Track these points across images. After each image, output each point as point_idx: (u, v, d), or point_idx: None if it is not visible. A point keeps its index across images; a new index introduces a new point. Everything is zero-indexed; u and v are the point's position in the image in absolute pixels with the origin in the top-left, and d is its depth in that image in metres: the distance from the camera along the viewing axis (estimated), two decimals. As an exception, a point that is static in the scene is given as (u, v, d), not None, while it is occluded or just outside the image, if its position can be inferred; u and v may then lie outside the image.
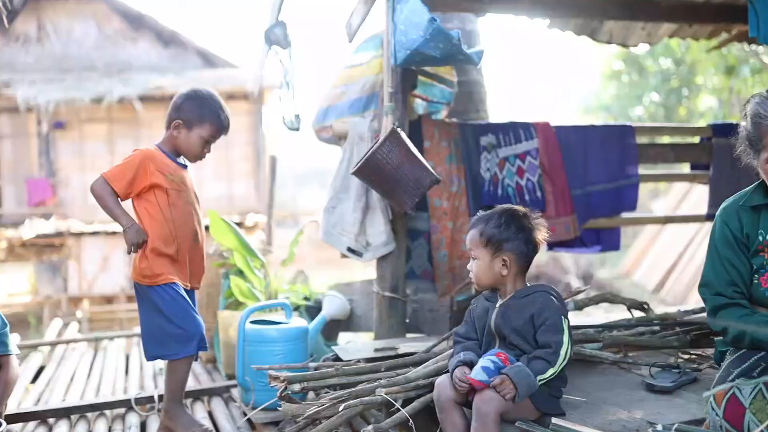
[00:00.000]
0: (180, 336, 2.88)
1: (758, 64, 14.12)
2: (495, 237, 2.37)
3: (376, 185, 3.28)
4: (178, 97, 3.00)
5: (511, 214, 2.40)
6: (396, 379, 2.65)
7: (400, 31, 3.15)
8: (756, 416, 1.99)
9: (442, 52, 3.13)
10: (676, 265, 11.54)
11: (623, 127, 4.40)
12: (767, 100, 2.16)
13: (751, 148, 2.22)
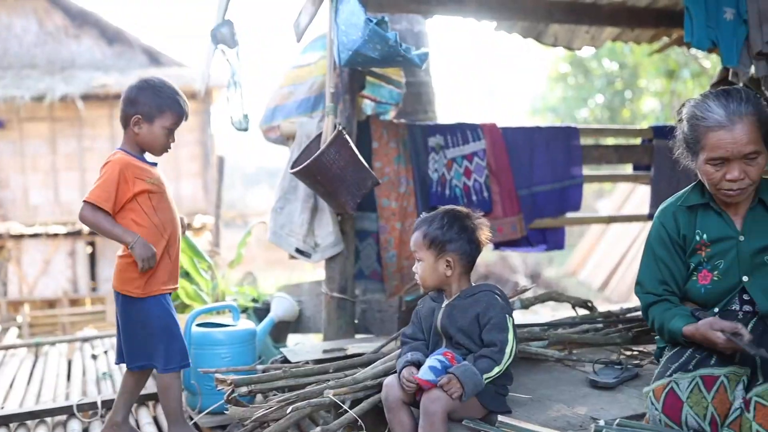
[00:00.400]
0: (170, 348, 2.82)
1: (697, 68, 14.56)
2: (438, 238, 2.39)
3: (319, 186, 3.26)
4: (130, 90, 2.81)
5: (453, 215, 2.43)
6: (344, 380, 2.65)
7: (342, 31, 3.15)
8: (693, 409, 2.06)
9: (380, 54, 3.14)
10: (620, 263, 11.83)
11: (568, 128, 4.49)
12: (702, 103, 2.21)
13: (689, 151, 2.27)
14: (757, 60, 4.11)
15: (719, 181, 2.18)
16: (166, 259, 2.83)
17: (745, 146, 2.11)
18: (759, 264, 2.23)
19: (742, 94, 2.18)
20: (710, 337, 2.07)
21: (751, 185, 2.18)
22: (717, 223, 2.30)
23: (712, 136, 2.15)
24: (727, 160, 2.15)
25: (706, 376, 2.09)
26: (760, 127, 2.13)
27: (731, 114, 2.13)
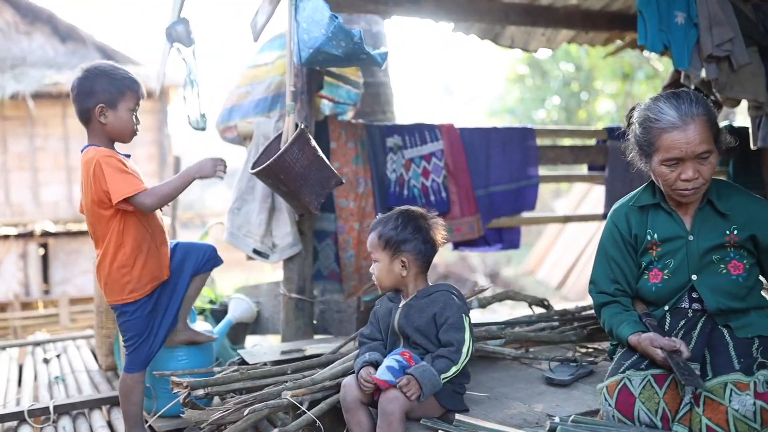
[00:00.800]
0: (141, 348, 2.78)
1: (651, 71, 14.88)
2: (393, 239, 2.41)
3: (282, 186, 3.23)
4: (81, 83, 2.63)
5: (408, 216, 2.44)
6: (302, 381, 2.64)
7: (303, 29, 3.13)
8: (645, 405, 2.10)
9: (344, 51, 3.13)
10: (577, 262, 12.01)
11: (524, 129, 4.54)
12: (654, 106, 2.25)
13: (643, 153, 2.30)
14: (708, 63, 4.22)
15: (674, 181, 2.23)
16: (153, 251, 2.76)
17: (699, 146, 2.16)
18: (707, 263, 2.29)
19: (691, 95, 2.23)
20: (650, 353, 2.15)
21: (704, 184, 2.23)
22: (667, 222, 2.35)
23: (666, 137, 2.19)
24: (682, 160, 2.19)
25: (657, 374, 2.14)
26: (711, 127, 2.18)
27: (683, 115, 2.17)
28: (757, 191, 5.32)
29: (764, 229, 2.25)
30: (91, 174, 2.59)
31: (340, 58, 3.18)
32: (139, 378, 2.81)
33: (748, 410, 1.97)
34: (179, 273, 2.86)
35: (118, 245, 2.66)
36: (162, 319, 2.83)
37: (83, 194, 2.70)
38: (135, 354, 2.78)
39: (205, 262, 2.94)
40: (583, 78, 17.52)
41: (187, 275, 2.88)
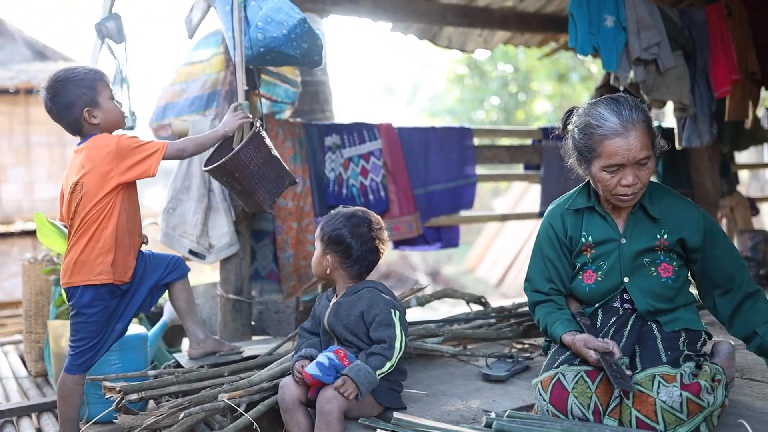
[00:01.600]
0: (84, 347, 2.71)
1: (586, 72, 15.25)
2: (327, 235, 2.42)
3: (236, 184, 3.16)
4: (55, 101, 2.68)
5: (353, 220, 2.45)
6: (239, 383, 2.61)
7: (258, 27, 3.09)
8: (578, 399, 2.14)
9: (302, 53, 3.12)
10: (515, 260, 12.21)
11: (462, 129, 4.59)
12: (595, 112, 2.25)
13: (582, 159, 2.31)
14: (636, 65, 4.35)
15: (614, 186, 2.24)
16: (126, 248, 2.74)
17: (639, 152, 2.18)
18: (639, 266, 2.34)
19: (629, 101, 2.25)
20: (583, 354, 2.19)
21: (642, 189, 2.26)
22: (601, 225, 2.39)
23: (608, 144, 2.19)
24: (622, 166, 2.21)
25: (590, 370, 2.19)
26: (649, 132, 2.22)
27: (624, 121, 2.19)
28: (684, 189, 5.55)
29: (692, 233, 2.31)
30: (113, 150, 2.64)
31: (294, 59, 3.16)
32: (80, 381, 2.75)
33: (675, 401, 2.03)
34: (140, 283, 2.84)
35: (102, 228, 2.67)
36: (115, 325, 2.79)
37: (83, 176, 2.67)
38: (80, 356, 2.72)
39: (169, 273, 2.93)
40: (521, 79, 17.83)
41: (147, 286, 2.86)
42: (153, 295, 2.91)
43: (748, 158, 11.88)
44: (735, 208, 6.18)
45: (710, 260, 2.32)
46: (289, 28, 3.03)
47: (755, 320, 2.28)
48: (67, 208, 2.73)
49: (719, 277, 2.33)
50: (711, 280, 2.34)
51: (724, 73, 4.73)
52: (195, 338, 3.08)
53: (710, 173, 5.66)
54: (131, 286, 2.81)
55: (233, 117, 2.94)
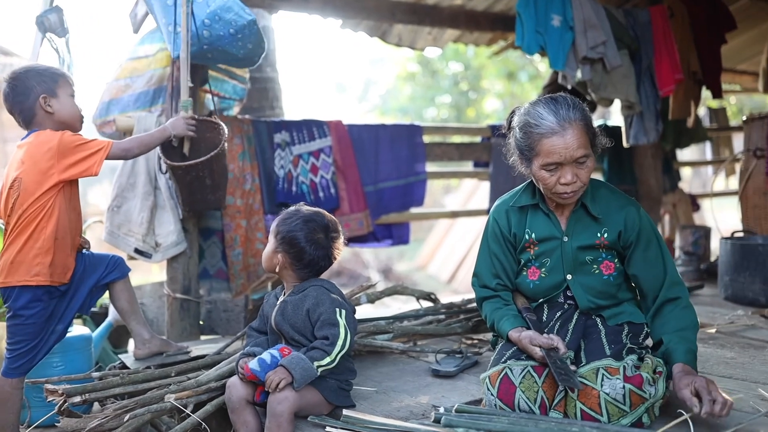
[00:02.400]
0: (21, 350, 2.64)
1: (534, 71, 15.47)
2: (282, 235, 2.41)
3: (207, 179, 3.13)
4: (14, 87, 2.65)
5: (311, 223, 2.42)
6: (187, 383, 2.57)
7: (204, 25, 3.06)
8: (525, 394, 2.17)
9: (246, 53, 3.10)
10: (466, 256, 12.31)
11: (411, 126, 4.61)
12: (534, 111, 2.28)
13: (523, 157, 2.33)
14: (583, 64, 4.43)
15: (554, 185, 2.27)
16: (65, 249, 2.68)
17: (576, 150, 2.21)
18: (581, 263, 2.38)
19: (568, 100, 2.28)
20: (529, 351, 2.22)
21: (582, 187, 2.29)
22: (545, 223, 2.43)
23: (545, 142, 2.22)
24: (561, 164, 2.23)
25: (536, 366, 2.22)
26: (587, 131, 2.25)
27: (562, 120, 2.21)
28: (629, 186, 5.67)
29: (627, 229, 2.35)
30: (54, 147, 2.58)
31: (236, 57, 3.14)
32: (18, 384, 2.68)
33: (618, 393, 2.08)
34: (79, 283, 2.79)
35: (41, 228, 2.61)
36: (54, 327, 2.73)
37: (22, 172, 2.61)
38: (17, 359, 2.65)
39: (108, 273, 2.89)
40: (472, 77, 17.98)
41: (87, 286, 2.81)
42: (93, 296, 2.85)
43: (691, 156, 12.21)
44: (677, 205, 6.35)
45: (640, 261, 2.35)
46: (237, 28, 3.01)
47: (666, 327, 2.28)
48: (5, 205, 2.66)
49: (646, 278, 2.35)
50: (638, 280, 2.38)
51: (668, 73, 4.85)
52: (140, 338, 3.03)
53: (653, 170, 5.81)
54: (70, 287, 2.75)
55: (184, 122, 2.95)
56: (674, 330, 2.27)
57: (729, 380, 2.67)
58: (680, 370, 2.16)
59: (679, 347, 2.22)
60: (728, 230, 5.23)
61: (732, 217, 7.42)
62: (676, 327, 2.27)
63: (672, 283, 2.34)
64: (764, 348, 3.16)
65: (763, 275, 4.08)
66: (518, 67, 16.03)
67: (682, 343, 2.23)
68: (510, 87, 16.57)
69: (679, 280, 2.37)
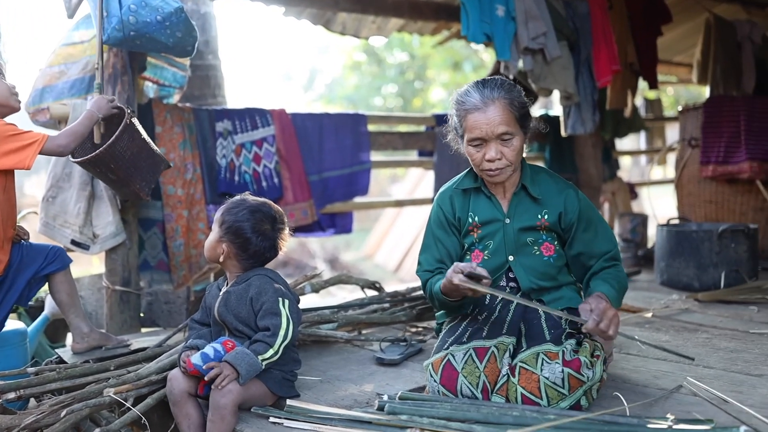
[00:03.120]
0: None
1: (479, 61, 15.61)
2: (228, 224, 2.37)
3: (111, 174, 3.04)
4: None
5: (258, 214, 2.39)
6: (127, 377, 2.52)
7: (130, 10, 2.98)
8: (467, 379, 2.20)
9: (175, 42, 3.04)
10: (413, 245, 12.38)
11: (356, 115, 4.60)
12: (464, 90, 2.38)
13: (457, 134, 2.42)
14: (524, 55, 4.48)
15: (481, 161, 2.35)
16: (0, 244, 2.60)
17: (498, 126, 2.28)
18: (522, 245, 2.44)
19: (497, 81, 2.36)
20: (452, 279, 2.21)
21: (509, 166, 2.35)
22: (487, 206, 2.47)
23: (470, 118, 2.31)
24: (485, 141, 2.31)
25: (478, 347, 2.25)
26: (513, 110, 2.31)
27: (485, 98, 2.30)
28: (570, 175, 5.79)
29: (568, 212, 2.42)
30: None
31: (166, 46, 3.07)
32: None
33: (557, 377, 2.12)
34: (16, 275, 2.70)
35: None
36: None
37: None
38: None
39: (48, 264, 2.80)
40: (417, 67, 18.03)
41: (24, 278, 2.73)
42: (31, 288, 2.77)
43: (630, 146, 12.53)
44: (616, 193, 6.51)
45: (581, 241, 2.43)
46: (164, 15, 2.95)
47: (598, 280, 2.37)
48: None
49: (588, 255, 2.43)
50: (581, 257, 2.45)
51: (605, 64, 4.95)
52: (79, 332, 2.96)
53: (593, 159, 5.94)
54: (5, 279, 2.67)
55: (106, 101, 2.88)
56: (603, 279, 2.37)
57: (663, 362, 2.75)
58: (596, 295, 2.24)
59: (602, 286, 2.32)
60: (665, 217, 5.40)
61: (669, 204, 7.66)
62: (606, 278, 2.37)
63: (612, 257, 2.43)
64: (697, 331, 3.27)
65: (697, 261, 4.22)
66: (463, 57, 16.16)
67: (605, 284, 2.33)
68: (455, 77, 16.68)
69: (618, 258, 2.46)
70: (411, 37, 14.76)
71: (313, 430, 2.12)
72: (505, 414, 2.02)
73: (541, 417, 1.99)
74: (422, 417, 2.05)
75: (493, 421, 1.99)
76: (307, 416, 2.18)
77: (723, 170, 4.93)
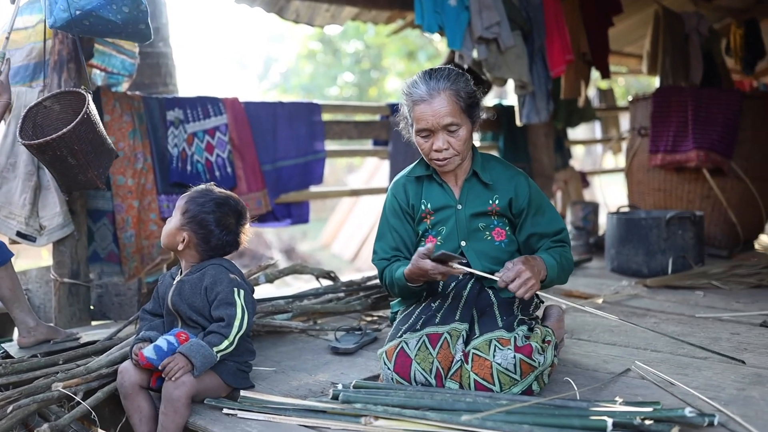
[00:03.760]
0: None
1: (434, 51, 15.65)
2: (192, 214, 2.35)
3: (69, 158, 2.95)
4: None
5: (225, 211, 2.37)
6: (76, 371, 2.47)
7: None
8: (420, 365, 2.22)
9: (124, 18, 2.94)
10: (370, 235, 12.40)
11: (310, 104, 4.56)
12: (412, 81, 2.40)
13: (408, 125, 2.45)
14: (478, 44, 4.51)
15: (429, 151, 2.38)
16: None
17: (443, 118, 2.31)
18: (474, 230, 2.47)
19: (444, 72, 2.38)
20: (422, 266, 2.23)
21: (456, 156, 2.38)
22: (439, 193, 2.50)
23: (417, 109, 2.34)
24: (432, 131, 2.34)
25: (431, 334, 2.27)
26: (458, 101, 2.33)
27: (431, 89, 2.32)
28: (523, 164, 5.85)
29: (518, 197, 2.46)
30: None
31: (116, 25, 2.98)
32: None
33: (509, 363, 2.16)
34: None
35: None
36: None
37: None
38: None
39: None
40: (373, 56, 18.01)
41: None
42: None
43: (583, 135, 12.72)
44: (568, 181, 6.61)
45: (531, 225, 2.47)
46: None
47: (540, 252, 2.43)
48: None
49: (539, 237, 2.48)
50: (531, 240, 2.49)
51: (558, 54, 5.01)
52: (25, 326, 2.88)
53: (546, 149, 6.02)
54: None
55: None
56: (546, 250, 2.43)
57: (613, 347, 2.81)
58: (525, 257, 2.29)
59: (543, 254, 2.39)
60: (616, 206, 5.50)
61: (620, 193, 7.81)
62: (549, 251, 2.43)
63: (560, 239, 2.49)
64: (646, 315, 3.35)
65: (646, 247, 4.32)
66: (418, 46, 16.18)
67: (546, 254, 2.39)
68: (411, 66, 16.70)
69: (567, 240, 2.52)
70: (366, 27, 14.71)
71: (267, 420, 2.12)
72: (459, 400, 2.04)
73: (493, 402, 2.02)
74: (376, 405, 2.05)
75: (447, 408, 2.01)
76: (261, 407, 2.17)
77: (671, 159, 5.05)
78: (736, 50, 7.30)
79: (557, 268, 2.38)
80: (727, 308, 3.43)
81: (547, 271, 2.33)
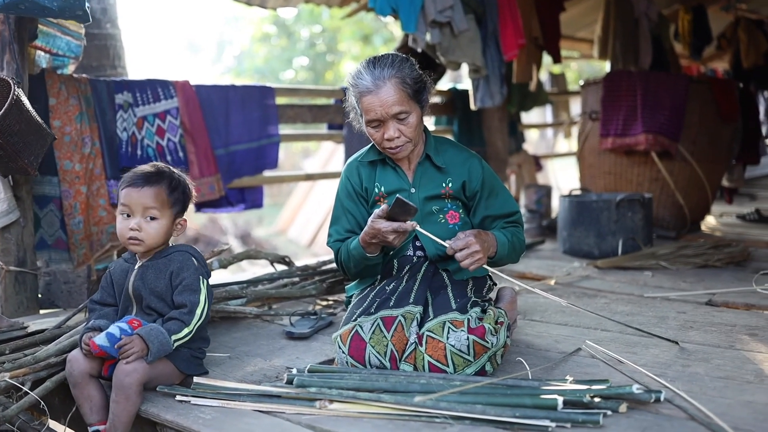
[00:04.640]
0: None
1: (389, 34, 15.61)
2: (175, 199, 2.31)
3: None
4: None
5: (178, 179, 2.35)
6: (23, 360, 2.41)
7: None
8: (375, 348, 2.23)
9: (60, 4, 2.86)
10: (326, 220, 12.37)
11: (263, 87, 4.51)
12: (357, 72, 2.38)
13: (357, 115, 2.44)
14: (432, 28, 4.51)
15: (381, 140, 2.38)
16: None
17: (392, 107, 2.30)
18: (428, 213, 2.48)
19: (389, 59, 2.37)
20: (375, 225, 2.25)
21: (408, 142, 2.39)
22: (393, 176, 2.51)
23: (364, 100, 2.33)
24: (381, 121, 2.34)
25: (386, 317, 2.28)
26: (405, 88, 2.33)
27: (376, 79, 2.31)
28: (478, 147, 5.89)
29: (472, 180, 2.48)
30: None
31: (51, 10, 2.89)
32: None
33: (463, 344, 2.18)
34: None
35: None
36: None
37: None
38: None
39: None
40: (328, 39, 17.89)
41: None
42: None
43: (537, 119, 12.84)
44: (522, 165, 6.69)
45: (484, 207, 2.50)
46: None
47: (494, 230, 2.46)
48: None
49: (492, 218, 2.52)
50: (485, 221, 2.52)
51: (511, 38, 5.04)
52: None
53: (500, 133, 6.07)
54: None
55: None
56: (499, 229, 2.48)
57: (565, 327, 2.87)
58: (476, 230, 2.33)
59: (495, 231, 2.43)
60: (568, 189, 5.59)
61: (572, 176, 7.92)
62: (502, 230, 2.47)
63: (514, 221, 2.53)
64: (596, 296, 3.42)
65: (597, 230, 4.40)
66: (373, 30, 16.13)
67: (498, 231, 2.44)
68: (366, 50, 16.65)
69: (520, 222, 2.56)
70: (320, 10, 14.59)
71: (221, 406, 2.10)
72: (413, 382, 2.06)
73: (447, 384, 2.04)
74: (331, 389, 2.06)
75: (401, 390, 2.02)
76: (215, 393, 2.16)
77: (621, 142, 5.14)
78: (684, 36, 7.47)
79: (508, 246, 2.41)
80: (674, 288, 3.53)
81: (497, 248, 2.37)
